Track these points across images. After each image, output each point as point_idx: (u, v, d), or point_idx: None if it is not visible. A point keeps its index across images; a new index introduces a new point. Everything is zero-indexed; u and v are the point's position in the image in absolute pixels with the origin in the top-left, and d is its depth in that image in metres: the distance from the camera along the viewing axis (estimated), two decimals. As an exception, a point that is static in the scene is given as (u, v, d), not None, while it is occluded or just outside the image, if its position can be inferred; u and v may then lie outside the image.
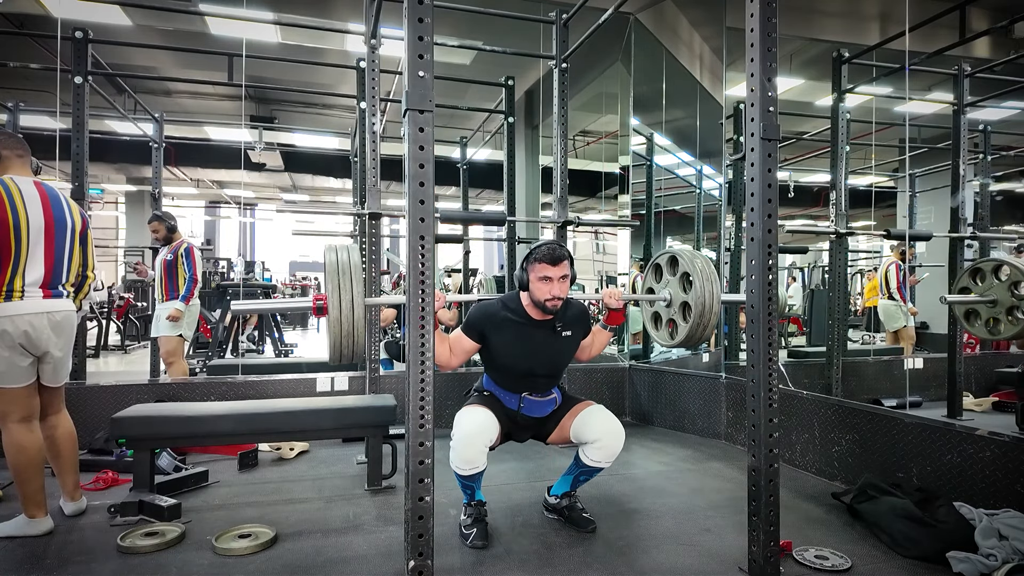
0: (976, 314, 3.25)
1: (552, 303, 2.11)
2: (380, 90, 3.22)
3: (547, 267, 2.08)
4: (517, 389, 2.24)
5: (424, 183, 1.63)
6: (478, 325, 2.18)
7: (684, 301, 2.30)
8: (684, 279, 2.30)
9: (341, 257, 1.86)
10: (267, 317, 6.93)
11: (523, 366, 2.19)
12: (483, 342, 2.19)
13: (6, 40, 6.18)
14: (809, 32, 5.44)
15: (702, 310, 2.19)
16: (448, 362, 2.17)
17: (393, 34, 3.88)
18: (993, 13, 4.63)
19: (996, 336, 3.18)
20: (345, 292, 1.82)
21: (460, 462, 2.04)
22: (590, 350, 2.39)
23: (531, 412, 2.25)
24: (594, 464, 2.19)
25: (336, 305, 1.81)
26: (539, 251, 2.11)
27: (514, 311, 2.18)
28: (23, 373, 2.14)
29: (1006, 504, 2.09)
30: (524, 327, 2.17)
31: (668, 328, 2.42)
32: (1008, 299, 3.05)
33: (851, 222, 3.80)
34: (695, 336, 2.25)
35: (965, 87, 4.01)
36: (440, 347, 2.11)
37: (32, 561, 1.96)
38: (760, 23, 1.79)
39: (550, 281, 2.09)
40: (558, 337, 2.21)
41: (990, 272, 3.15)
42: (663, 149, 5.53)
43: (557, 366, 2.28)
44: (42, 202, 2.19)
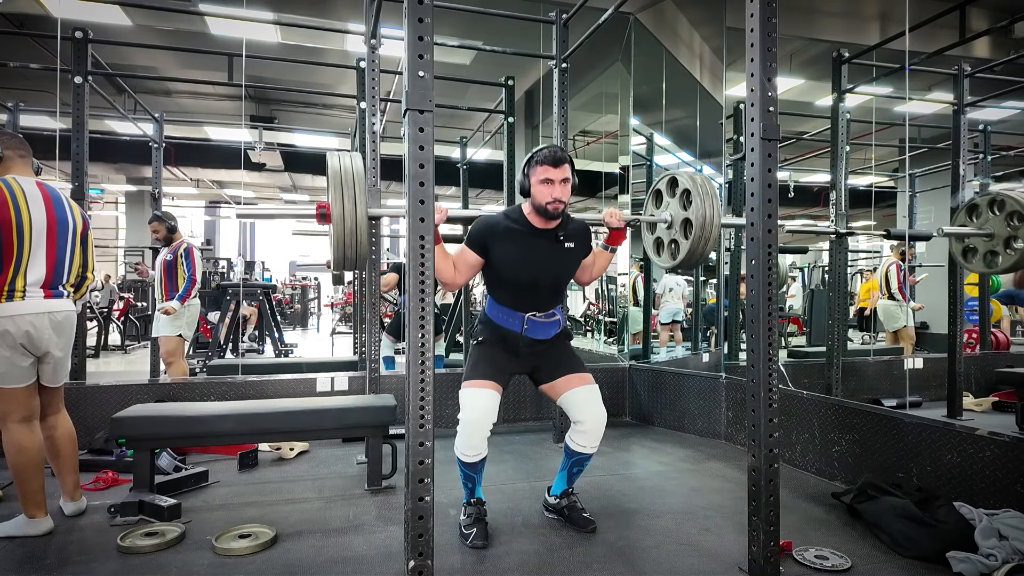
0: (973, 251, 3.26)
1: (554, 206, 2.07)
2: (380, 90, 3.22)
3: (549, 169, 2.06)
4: (521, 307, 2.18)
5: (424, 183, 1.63)
6: (480, 237, 2.14)
7: (685, 218, 2.29)
8: (684, 197, 2.30)
9: (344, 163, 1.83)
10: (268, 317, 6.93)
11: (526, 276, 2.14)
12: (486, 255, 2.14)
13: (6, 40, 6.18)
14: (809, 32, 5.44)
15: (703, 223, 2.19)
16: (453, 279, 2.14)
17: (393, 34, 3.88)
18: (993, 13, 4.63)
19: (994, 269, 3.17)
20: (348, 198, 1.80)
21: (465, 448, 2.06)
22: (591, 271, 2.36)
23: (534, 334, 2.20)
24: (580, 450, 2.20)
25: (339, 212, 1.78)
26: (540, 153, 2.09)
27: (516, 221, 2.15)
28: (23, 373, 2.14)
29: (1006, 504, 2.09)
30: (527, 236, 2.14)
31: (670, 249, 2.41)
32: (1005, 231, 3.05)
33: (851, 222, 3.80)
34: (697, 251, 2.24)
35: (965, 87, 4.01)
36: (443, 264, 2.07)
37: (32, 561, 1.96)
38: (760, 23, 1.79)
39: (551, 184, 2.06)
40: (561, 247, 2.18)
41: (986, 207, 3.16)
42: (663, 149, 5.53)
43: (560, 278, 2.24)
44: (44, 202, 2.19)
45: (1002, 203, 3.06)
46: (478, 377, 2.13)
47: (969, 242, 3.28)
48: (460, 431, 2.06)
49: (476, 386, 2.11)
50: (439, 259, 1.71)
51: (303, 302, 13.70)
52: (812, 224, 7.79)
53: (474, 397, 2.09)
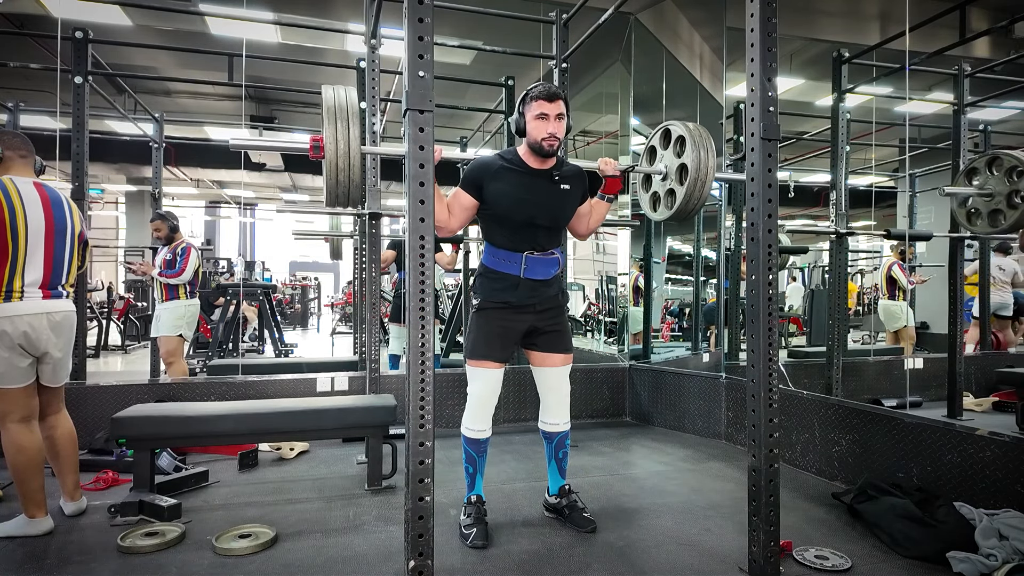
0: (977, 212, 3.27)
1: (549, 143, 2.07)
2: (380, 90, 3.22)
3: (544, 103, 2.05)
4: (519, 246, 2.16)
5: (424, 183, 1.63)
6: (475, 177, 2.13)
7: (680, 164, 2.28)
8: (679, 145, 2.30)
9: (339, 95, 1.81)
10: (268, 317, 6.92)
11: (523, 213, 2.13)
12: (481, 197, 2.13)
13: (6, 40, 6.18)
14: (809, 32, 5.44)
15: (697, 166, 2.18)
16: (447, 223, 2.12)
17: (393, 34, 3.88)
18: (993, 13, 4.63)
19: (1000, 227, 3.18)
20: (342, 132, 1.78)
21: (472, 423, 2.14)
22: (588, 220, 2.35)
23: (534, 274, 2.17)
24: (552, 428, 2.26)
25: (332, 140, 1.76)
26: (535, 90, 2.08)
27: (511, 161, 2.15)
28: (22, 373, 2.14)
29: (1006, 504, 2.09)
30: (522, 175, 2.14)
31: (667, 200, 2.39)
32: (1006, 188, 3.06)
33: (851, 222, 3.80)
34: (694, 196, 2.22)
35: (965, 87, 4.01)
36: (439, 208, 2.05)
37: (32, 561, 1.96)
38: (760, 23, 1.79)
39: (547, 119, 2.06)
40: (557, 188, 2.17)
41: (984, 167, 3.18)
42: (663, 149, 5.52)
43: (557, 218, 2.22)
44: (42, 203, 2.19)
45: (1000, 161, 3.08)
46: (480, 356, 2.17)
47: (972, 205, 3.29)
48: (468, 406, 2.14)
49: (481, 365, 2.17)
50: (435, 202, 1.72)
51: (303, 302, 13.71)
52: (812, 224, 7.80)
53: (482, 373, 2.17)
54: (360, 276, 4.20)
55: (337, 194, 1.82)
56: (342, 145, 1.77)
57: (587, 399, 3.98)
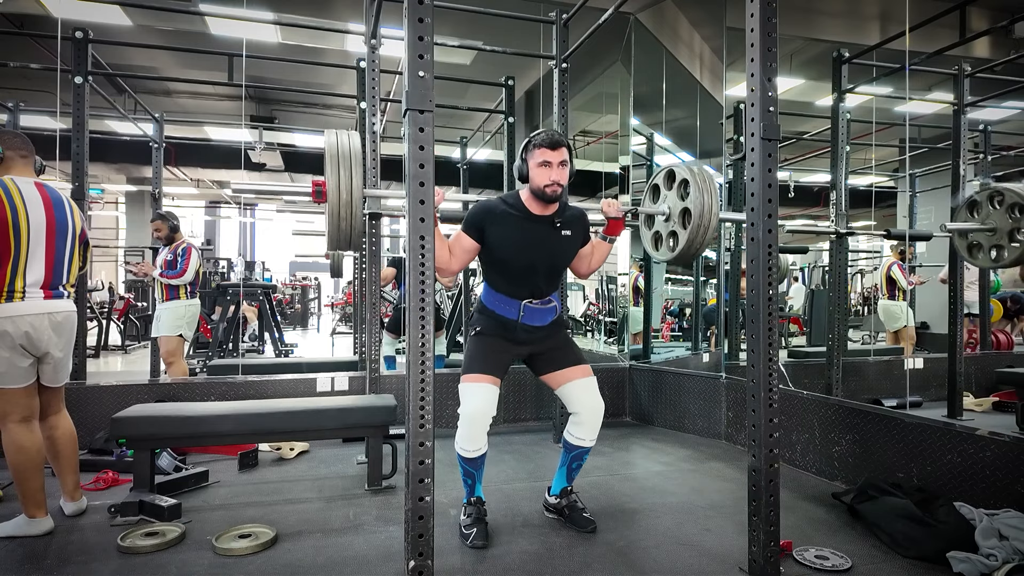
0: (978, 246, 3.28)
1: (552, 189, 2.07)
2: (380, 90, 3.22)
3: (547, 151, 2.06)
4: (518, 294, 2.18)
5: (424, 183, 1.63)
6: (477, 221, 2.13)
7: (683, 208, 2.28)
8: (682, 188, 2.29)
9: (342, 140, 1.82)
10: (268, 317, 6.92)
11: (523, 261, 2.14)
12: (482, 240, 2.14)
13: (6, 40, 6.18)
14: (809, 32, 5.43)
15: (701, 211, 2.18)
16: (448, 265, 2.12)
17: (393, 34, 3.88)
18: (993, 13, 4.63)
19: (1001, 263, 3.19)
20: (344, 176, 1.79)
21: (465, 442, 2.06)
22: (590, 261, 2.35)
23: (531, 320, 2.19)
24: (579, 443, 2.21)
25: (335, 187, 1.77)
26: (537, 137, 2.09)
27: (513, 206, 2.15)
28: (23, 374, 2.14)
29: (1006, 504, 2.09)
30: (523, 221, 2.14)
31: (669, 242, 2.39)
32: (1007, 224, 3.08)
33: (851, 222, 3.79)
34: (696, 240, 2.22)
35: (965, 87, 4.01)
36: (440, 250, 2.06)
37: (32, 561, 1.96)
38: (760, 23, 1.79)
39: (549, 166, 2.06)
40: (558, 234, 2.17)
41: (986, 201, 3.18)
42: (663, 149, 5.53)
43: (557, 265, 2.23)
44: (44, 203, 2.19)
45: (1002, 197, 3.07)
46: (476, 371, 2.13)
47: (973, 238, 3.29)
48: (460, 425, 2.07)
49: (475, 380, 2.11)
50: (436, 243, 1.72)
51: (303, 302, 13.70)
52: (812, 224, 7.79)
53: (473, 391, 2.09)
54: (360, 276, 4.20)
55: (339, 239, 1.83)
56: (344, 188, 1.79)
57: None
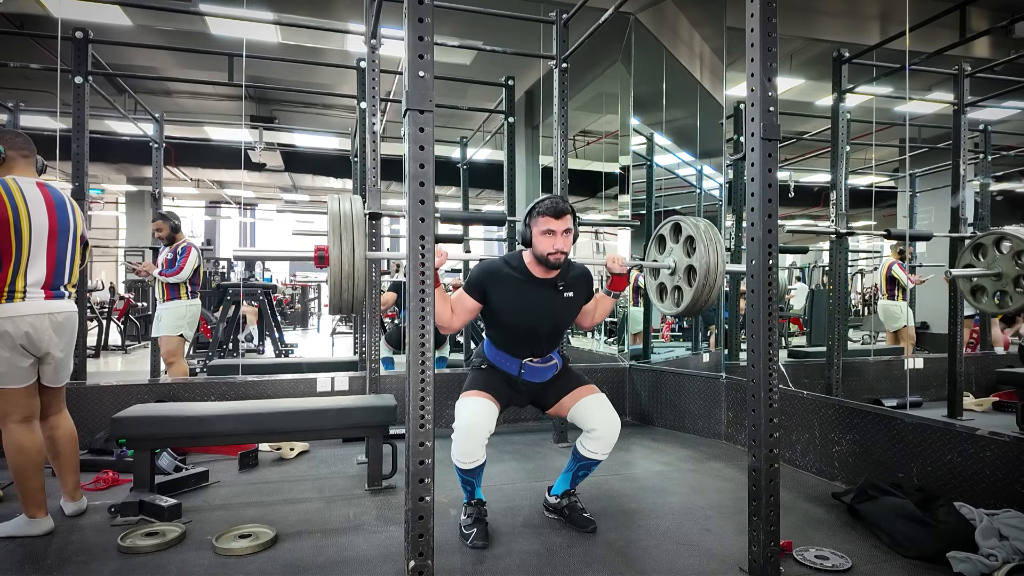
0: (982, 289, 3.23)
1: (555, 257, 2.09)
2: (380, 90, 3.22)
3: (550, 220, 2.07)
4: (518, 353, 2.20)
5: (424, 183, 1.63)
6: (480, 283, 2.15)
7: (689, 265, 2.28)
8: (688, 244, 2.29)
9: (344, 206, 1.84)
10: (268, 317, 6.92)
11: (524, 324, 2.16)
12: (484, 300, 2.16)
13: (6, 40, 6.18)
14: (809, 32, 5.43)
15: (706, 271, 2.18)
16: (450, 322, 2.15)
17: (393, 34, 3.88)
18: (993, 13, 4.62)
19: (1005, 309, 3.15)
20: (347, 242, 1.80)
21: (461, 455, 2.05)
22: (593, 316, 2.36)
23: (531, 378, 2.23)
24: (592, 456, 2.20)
25: (337, 252, 1.79)
26: (542, 205, 2.10)
27: (516, 268, 2.17)
28: (24, 374, 2.14)
29: (1006, 504, 2.09)
30: (526, 284, 2.16)
31: (674, 296, 2.40)
32: (1013, 270, 3.02)
33: (851, 222, 3.79)
34: (700, 299, 2.22)
35: (965, 87, 4.00)
36: (442, 307, 2.08)
37: (32, 561, 1.96)
38: (760, 23, 1.79)
39: (553, 235, 2.07)
40: (560, 297, 2.19)
41: (991, 245, 3.14)
42: (663, 149, 5.53)
43: (559, 327, 2.25)
44: (46, 204, 2.19)
45: (1007, 242, 3.03)
46: (474, 389, 2.16)
47: (977, 282, 3.24)
48: (454, 438, 2.06)
49: (471, 396, 2.14)
50: (437, 301, 1.75)
51: (303, 302, 13.70)
52: (812, 224, 7.79)
53: (469, 405, 2.10)
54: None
55: (340, 304, 1.84)
56: (347, 253, 1.80)
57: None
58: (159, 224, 4.32)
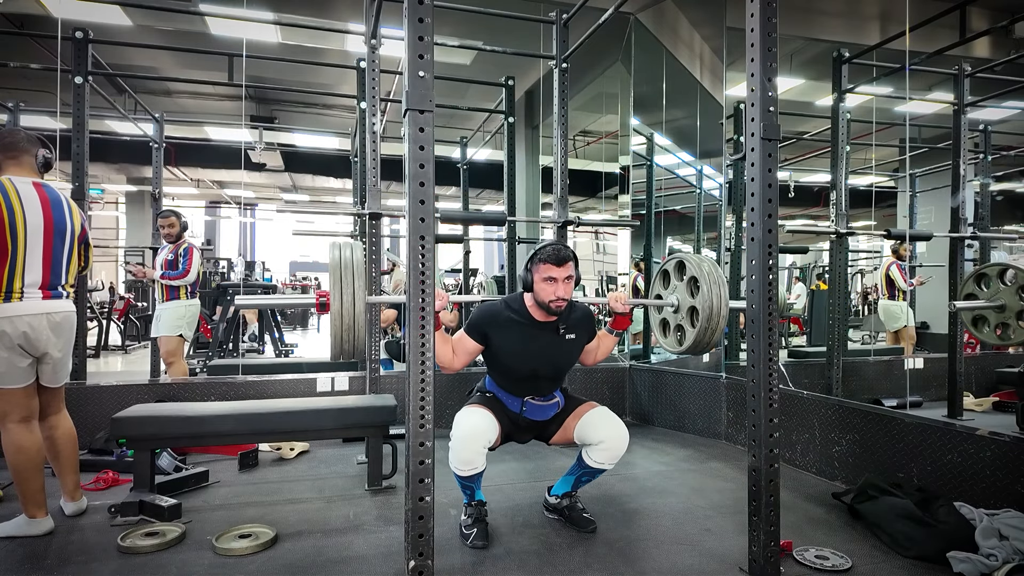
0: (984, 320, 3.22)
1: (556, 304, 2.10)
2: (380, 90, 3.22)
3: (552, 268, 2.07)
4: (519, 392, 2.22)
5: (424, 183, 1.63)
6: (481, 326, 2.17)
7: (691, 306, 2.29)
8: (692, 284, 2.30)
9: (344, 254, 1.88)
10: (268, 317, 6.93)
11: (526, 368, 2.18)
12: (485, 343, 2.18)
13: (6, 40, 6.18)
14: (809, 32, 5.43)
15: (709, 314, 2.19)
16: (451, 363, 2.17)
17: (393, 34, 3.88)
18: (993, 13, 4.63)
19: (1007, 341, 3.14)
20: (347, 289, 1.84)
21: (458, 463, 2.05)
22: (595, 354, 2.38)
23: (533, 416, 2.25)
24: (597, 466, 2.19)
25: (338, 301, 1.83)
26: (543, 252, 2.10)
27: (517, 312, 2.18)
28: (22, 374, 2.14)
29: (1007, 504, 2.09)
30: (527, 328, 2.17)
31: (676, 335, 2.42)
32: (1016, 303, 3.01)
33: (851, 222, 3.80)
34: (703, 341, 2.24)
35: (965, 87, 4.01)
36: (443, 348, 2.11)
37: (32, 561, 1.96)
38: (760, 23, 1.79)
39: (555, 282, 2.08)
40: (562, 340, 2.21)
41: (995, 277, 3.13)
42: (663, 149, 5.53)
43: (560, 369, 2.27)
44: (41, 203, 2.18)
45: (1012, 274, 3.03)
46: (474, 404, 2.18)
47: (979, 312, 3.22)
48: (451, 447, 2.06)
49: (471, 407, 2.16)
50: (438, 343, 1.77)
51: (303, 302, 13.67)
52: (812, 224, 7.80)
53: (468, 414, 2.12)
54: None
55: (342, 349, 1.88)
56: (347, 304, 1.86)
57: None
58: (172, 220, 4.32)
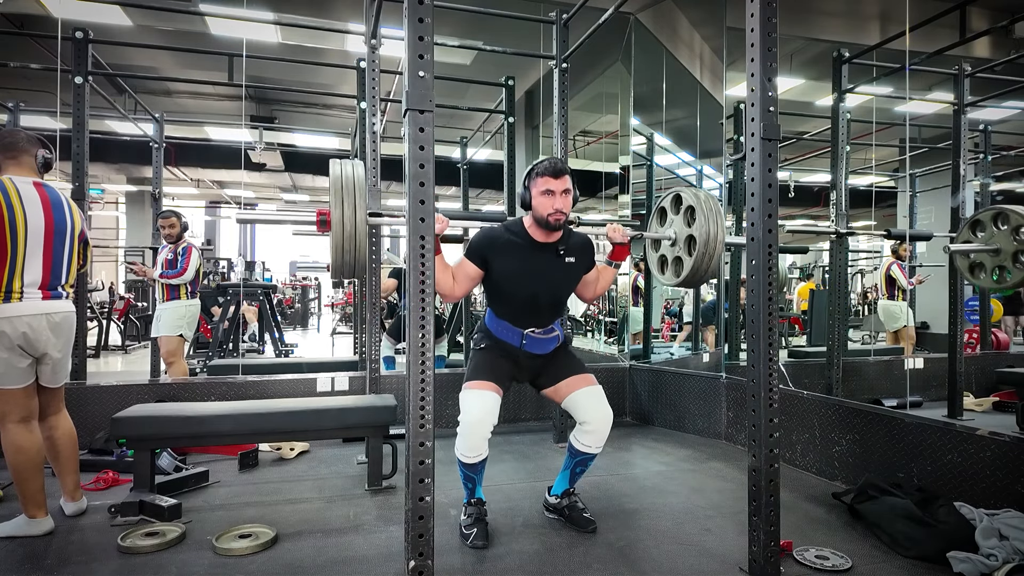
0: (981, 266, 3.24)
1: (555, 217, 2.08)
2: (380, 90, 3.22)
3: (550, 180, 2.06)
4: (520, 322, 2.19)
5: (424, 183, 1.63)
6: (480, 249, 2.14)
7: (689, 235, 2.28)
8: (688, 214, 2.30)
9: (346, 171, 1.85)
10: (268, 317, 6.92)
11: (526, 291, 2.15)
12: (485, 267, 2.15)
13: (6, 40, 6.18)
14: (809, 32, 5.44)
15: (706, 239, 2.18)
16: (452, 291, 2.13)
17: (393, 34, 3.88)
18: (993, 13, 4.63)
19: (1003, 285, 3.14)
20: (348, 205, 1.82)
21: (466, 449, 2.06)
22: (595, 287, 2.35)
23: (533, 349, 2.21)
24: (586, 450, 2.20)
25: (339, 217, 1.81)
26: (540, 165, 2.10)
27: (517, 234, 2.16)
28: (22, 374, 2.14)
29: (1007, 504, 2.09)
30: (527, 250, 2.15)
31: (674, 267, 2.40)
32: (1012, 246, 3.02)
33: (851, 222, 3.80)
34: (701, 268, 2.23)
35: (965, 87, 4.01)
36: (443, 275, 2.07)
37: (32, 561, 1.96)
38: (760, 23, 1.79)
39: (552, 195, 2.07)
40: (561, 262, 2.18)
41: (990, 221, 3.13)
42: (663, 149, 5.53)
43: (560, 294, 2.24)
44: (42, 204, 2.18)
45: (1006, 217, 3.03)
46: (478, 379, 2.14)
47: (976, 258, 3.25)
48: (460, 432, 2.06)
49: (476, 388, 2.12)
50: (438, 270, 1.73)
51: (303, 302, 13.70)
52: (812, 224, 7.80)
53: (474, 398, 2.09)
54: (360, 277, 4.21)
55: (343, 266, 1.85)
56: (348, 217, 1.81)
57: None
58: (172, 220, 4.33)
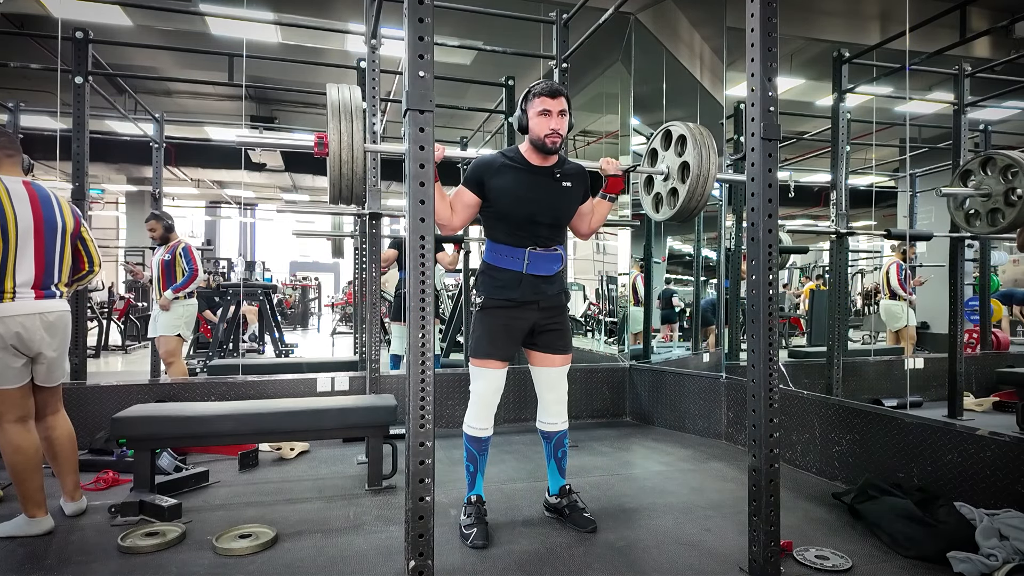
0: (975, 214, 3.31)
1: (552, 139, 2.09)
2: (380, 90, 3.22)
3: (547, 100, 2.07)
4: (521, 242, 2.16)
5: (424, 183, 1.63)
6: (477, 174, 2.14)
7: (682, 163, 2.29)
8: (679, 145, 2.32)
9: (343, 93, 1.85)
10: (268, 317, 6.92)
11: (524, 210, 2.14)
12: (483, 194, 2.15)
13: (6, 40, 6.19)
14: (809, 32, 5.44)
15: (699, 162, 2.20)
16: (450, 221, 2.14)
17: (393, 34, 3.88)
18: (993, 13, 4.63)
19: (999, 226, 3.20)
20: (346, 130, 1.82)
21: (475, 420, 2.13)
22: (591, 220, 2.35)
23: (537, 270, 2.17)
24: (551, 428, 2.27)
25: (336, 142, 1.81)
26: (537, 86, 2.10)
27: (513, 158, 2.17)
28: (17, 374, 2.13)
29: (1007, 504, 2.09)
30: (523, 172, 2.15)
31: (669, 200, 2.41)
32: (1001, 186, 3.11)
33: (851, 222, 3.80)
34: (696, 194, 2.24)
35: (965, 87, 4.01)
36: (441, 205, 2.06)
37: (32, 561, 1.96)
38: (760, 23, 1.79)
39: (549, 115, 2.07)
40: (558, 186, 2.19)
41: (978, 168, 3.22)
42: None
43: (559, 215, 2.23)
44: (31, 202, 2.17)
45: (993, 161, 3.13)
46: (484, 355, 2.17)
47: (970, 206, 3.33)
48: (472, 403, 2.14)
49: (484, 365, 2.17)
50: (436, 199, 1.73)
51: (303, 302, 13.71)
52: (812, 224, 7.80)
53: (484, 374, 2.17)
54: (360, 276, 4.21)
55: (340, 189, 1.85)
56: (346, 141, 1.81)
57: (587, 399, 3.98)
58: (152, 224, 4.32)
